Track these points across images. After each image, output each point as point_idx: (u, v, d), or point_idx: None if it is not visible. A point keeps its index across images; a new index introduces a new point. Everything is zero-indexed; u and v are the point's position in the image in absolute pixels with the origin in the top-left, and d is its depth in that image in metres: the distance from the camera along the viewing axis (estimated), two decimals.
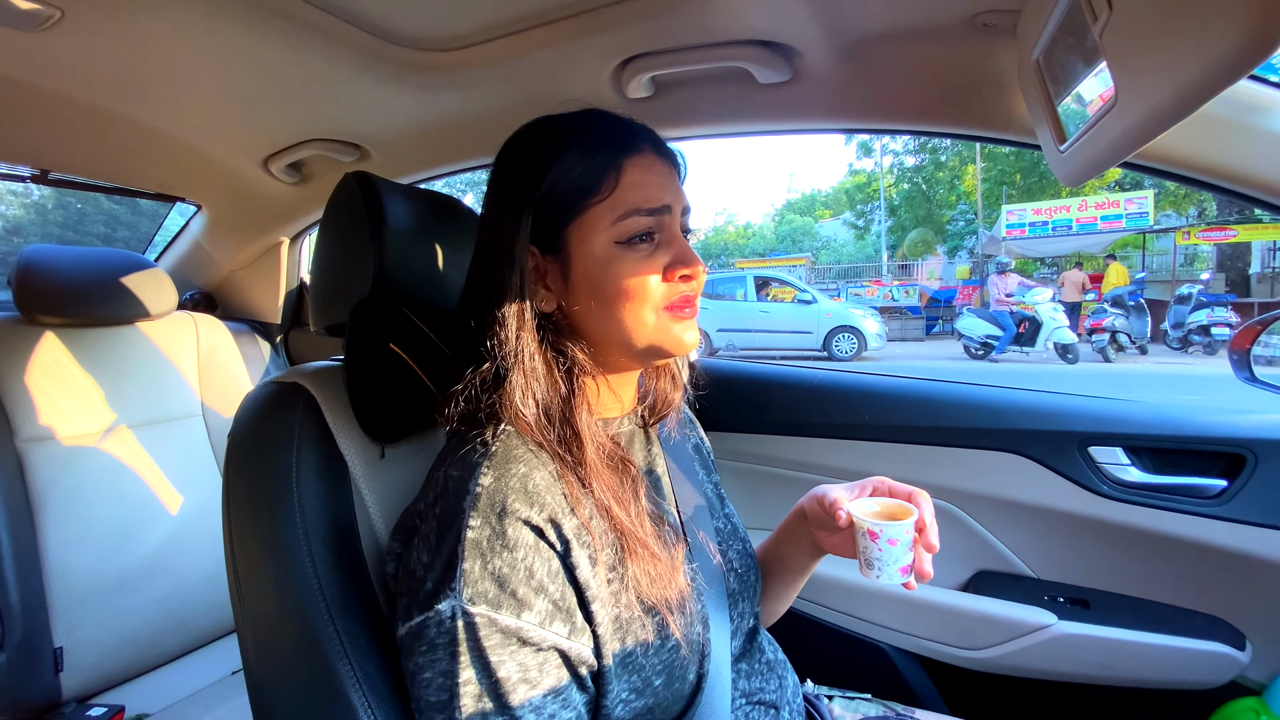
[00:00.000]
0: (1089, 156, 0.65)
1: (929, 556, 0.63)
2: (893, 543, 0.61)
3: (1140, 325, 9.45)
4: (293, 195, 1.50)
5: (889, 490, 0.68)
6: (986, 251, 14.57)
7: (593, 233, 0.59)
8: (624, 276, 0.59)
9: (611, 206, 0.59)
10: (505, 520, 0.51)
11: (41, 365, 1.32)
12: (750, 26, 0.84)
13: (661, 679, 0.58)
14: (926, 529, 0.63)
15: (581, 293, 0.60)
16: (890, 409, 1.20)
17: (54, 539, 1.25)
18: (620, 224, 0.59)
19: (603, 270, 0.59)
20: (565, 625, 0.53)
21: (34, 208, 4.51)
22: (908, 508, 0.64)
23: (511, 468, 0.54)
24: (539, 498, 0.53)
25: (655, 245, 0.61)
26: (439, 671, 0.51)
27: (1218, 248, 12.35)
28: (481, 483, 0.53)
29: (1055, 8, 0.62)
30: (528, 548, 0.52)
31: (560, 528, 0.53)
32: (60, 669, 1.22)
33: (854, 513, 0.64)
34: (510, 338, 0.58)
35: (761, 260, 21.32)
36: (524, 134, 0.64)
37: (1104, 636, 1.00)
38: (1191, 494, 1.00)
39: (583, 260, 0.60)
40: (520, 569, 0.51)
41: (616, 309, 0.59)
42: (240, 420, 0.69)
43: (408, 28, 0.88)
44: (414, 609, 0.53)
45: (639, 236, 0.59)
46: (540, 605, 0.52)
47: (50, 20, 0.80)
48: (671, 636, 0.58)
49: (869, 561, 0.63)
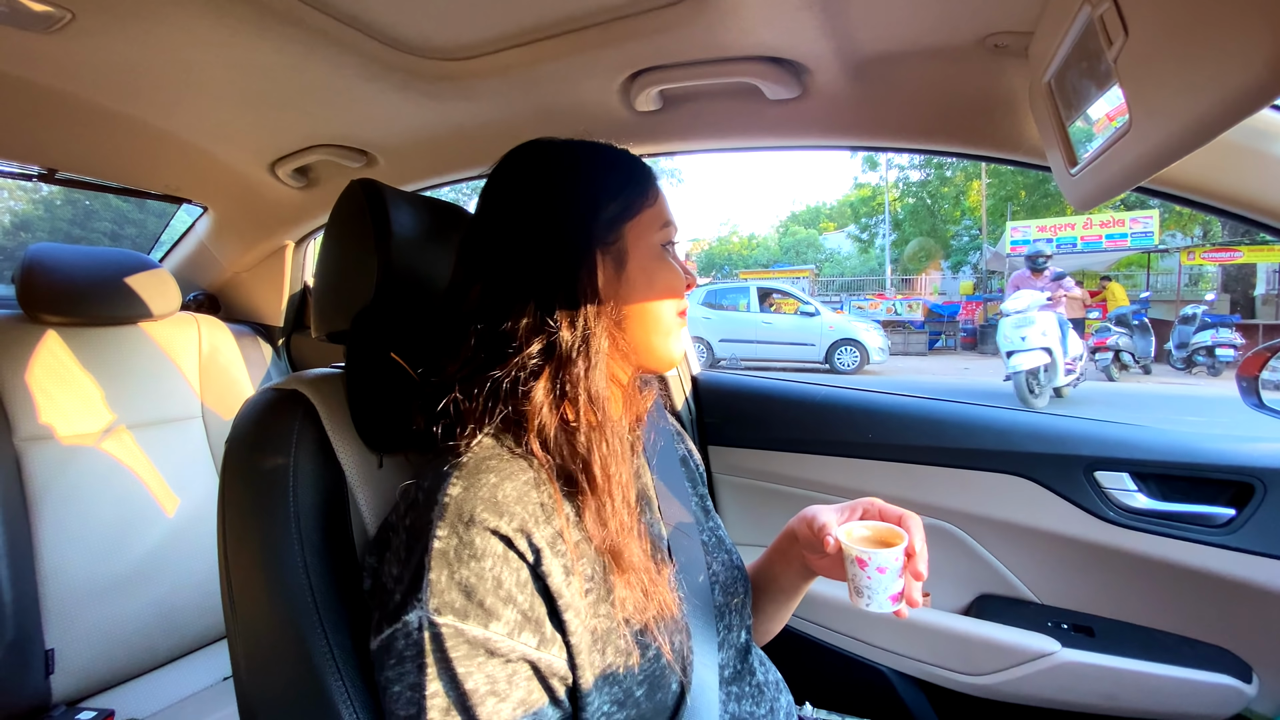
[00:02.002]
0: (1100, 181, 0.65)
1: (919, 585, 0.62)
2: (881, 570, 0.60)
3: (1144, 345, 9.41)
4: (299, 199, 1.50)
5: (879, 512, 0.67)
6: (990, 267, 14.56)
7: (648, 232, 0.64)
8: (669, 276, 0.65)
9: (658, 213, 0.65)
10: (473, 530, 0.51)
11: (43, 364, 1.31)
12: (760, 43, 0.84)
13: (643, 689, 0.57)
14: (916, 555, 0.62)
15: (638, 286, 0.63)
16: (894, 428, 1.19)
17: (49, 539, 1.24)
18: (664, 229, 0.66)
19: (655, 268, 0.64)
20: (534, 636, 0.52)
21: (42, 204, 4.53)
22: (898, 532, 0.63)
23: (481, 478, 0.53)
24: (508, 508, 0.52)
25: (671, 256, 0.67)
26: (407, 685, 0.51)
27: (1223, 268, 12.34)
28: (450, 493, 0.52)
29: (1069, 31, 0.62)
30: (495, 557, 0.51)
31: (530, 537, 0.52)
32: (51, 671, 1.20)
33: (842, 539, 0.63)
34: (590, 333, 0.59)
35: (765, 272, 21.30)
36: (560, 146, 0.66)
37: (1109, 666, 0.99)
38: (1199, 522, 0.99)
39: (639, 258, 0.64)
40: (488, 579, 0.51)
41: (653, 310, 0.64)
42: (238, 426, 0.69)
43: (418, 36, 0.88)
44: (384, 622, 0.53)
45: (667, 245, 0.66)
46: (509, 615, 0.51)
47: (61, 22, 0.81)
48: (652, 645, 0.57)
49: (858, 589, 0.62)
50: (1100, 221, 12.29)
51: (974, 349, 14.17)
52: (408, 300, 0.72)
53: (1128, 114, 0.55)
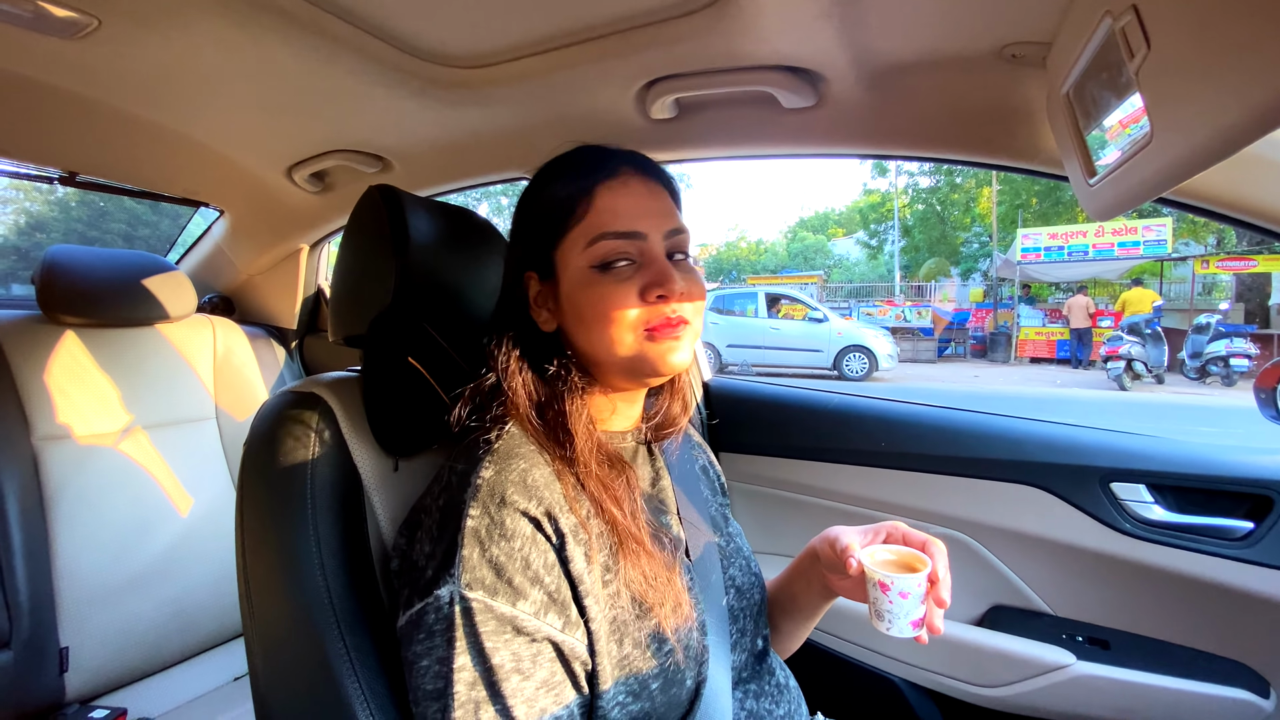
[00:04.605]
0: (1120, 192, 0.64)
1: (941, 612, 0.62)
2: (904, 595, 0.60)
3: (1157, 354, 9.31)
4: (314, 204, 1.52)
5: (903, 537, 0.67)
6: (1001, 275, 14.48)
7: (570, 257, 0.62)
8: (600, 299, 0.61)
9: (584, 231, 0.62)
10: (504, 510, 0.53)
11: (61, 364, 1.33)
12: (777, 52, 0.84)
13: (658, 683, 0.58)
14: (939, 583, 0.62)
15: (569, 314, 0.64)
16: (908, 437, 1.19)
17: (65, 538, 1.25)
18: (591, 248, 0.61)
19: (581, 293, 0.62)
20: (559, 618, 0.54)
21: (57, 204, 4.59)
22: (921, 558, 0.63)
23: (512, 463, 0.56)
24: (537, 491, 0.55)
25: (636, 268, 0.61)
26: (436, 659, 0.52)
27: (1237, 277, 12.19)
28: (483, 475, 0.55)
29: (1089, 42, 0.62)
30: (524, 538, 0.53)
31: (557, 522, 0.55)
32: (65, 669, 1.21)
33: (865, 562, 0.63)
34: (506, 354, 0.63)
35: (773, 277, 21.28)
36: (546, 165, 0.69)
37: (1124, 679, 0.98)
38: (1216, 535, 0.98)
39: (566, 283, 0.63)
40: (517, 558, 0.53)
41: (597, 330, 0.61)
42: (257, 429, 0.69)
43: (437, 44, 0.89)
44: (414, 597, 0.55)
45: (617, 260, 0.61)
46: (535, 595, 0.53)
47: (87, 29, 0.82)
48: (667, 640, 0.59)
49: (879, 613, 0.62)
50: (1112, 229, 12.19)
51: (984, 356, 14.08)
52: (425, 306, 0.73)
53: (1148, 125, 0.55)
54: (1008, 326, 13.74)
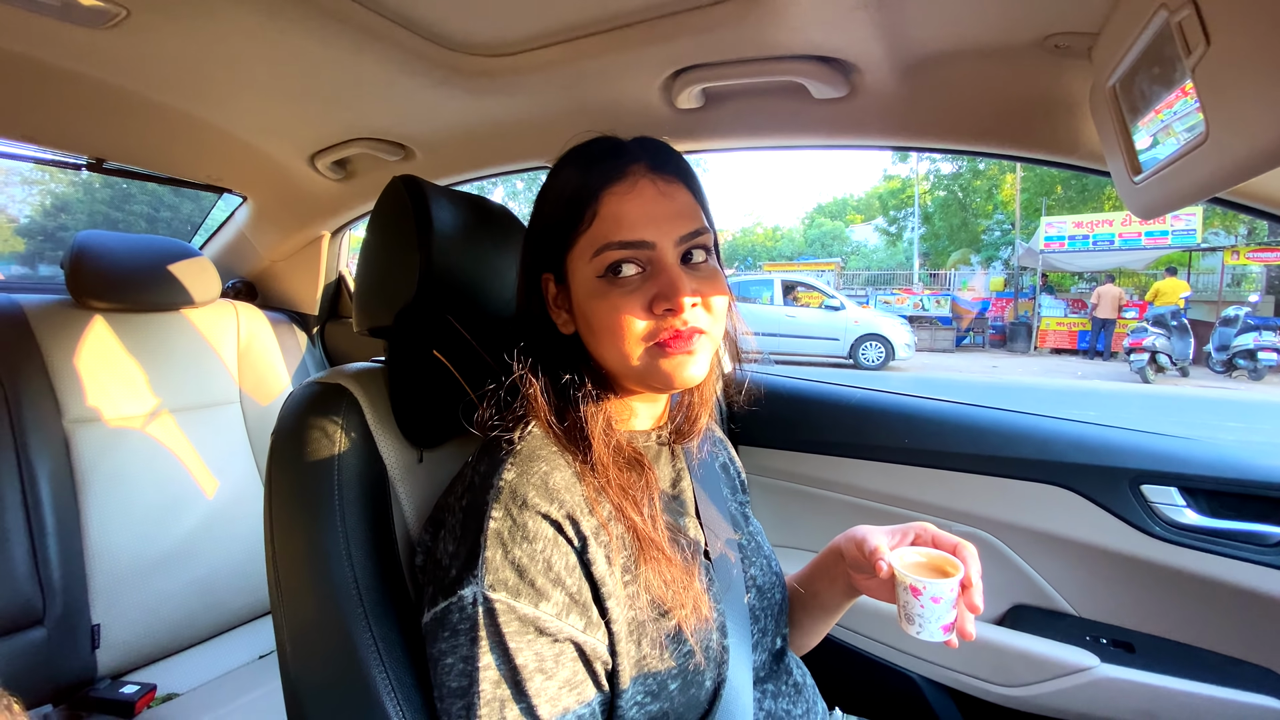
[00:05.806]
0: (1169, 191, 0.62)
1: (972, 617, 0.61)
2: (936, 600, 0.59)
3: (1183, 346, 9.09)
4: (336, 191, 1.52)
5: (933, 539, 0.66)
6: (1023, 264, 14.22)
7: (579, 265, 0.60)
8: (608, 311, 0.58)
9: (590, 241, 0.59)
10: (525, 513, 0.54)
11: (90, 348, 1.35)
12: (809, 42, 0.82)
13: (677, 684, 0.58)
14: (972, 587, 0.61)
15: (581, 322, 0.62)
16: (931, 433, 1.17)
17: (95, 518, 1.28)
18: (597, 258, 0.59)
19: (590, 303, 0.60)
20: (581, 619, 0.54)
21: (82, 186, 4.66)
22: (953, 562, 0.62)
23: (534, 465, 0.56)
24: (558, 495, 0.55)
25: (645, 276, 0.59)
26: (460, 657, 0.52)
27: (1268, 269, 11.89)
28: (505, 477, 0.55)
29: (1140, 36, 0.59)
30: (546, 540, 0.53)
31: (578, 524, 0.55)
32: (97, 645, 1.25)
33: (896, 565, 0.62)
34: (523, 360, 0.62)
35: (790, 264, 21.08)
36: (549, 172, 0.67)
37: (1148, 683, 0.96)
38: (1250, 540, 0.96)
39: (577, 291, 0.61)
40: (539, 560, 0.53)
41: (605, 340, 0.60)
42: (284, 420, 0.70)
43: (460, 32, 0.88)
44: (439, 595, 0.55)
45: (624, 269, 0.58)
46: (557, 597, 0.53)
47: (116, 18, 0.82)
48: (686, 641, 0.59)
49: (909, 617, 0.61)
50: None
51: (1003, 346, 13.88)
52: (448, 297, 0.73)
53: (1204, 125, 0.53)
54: (1028, 317, 13.52)
